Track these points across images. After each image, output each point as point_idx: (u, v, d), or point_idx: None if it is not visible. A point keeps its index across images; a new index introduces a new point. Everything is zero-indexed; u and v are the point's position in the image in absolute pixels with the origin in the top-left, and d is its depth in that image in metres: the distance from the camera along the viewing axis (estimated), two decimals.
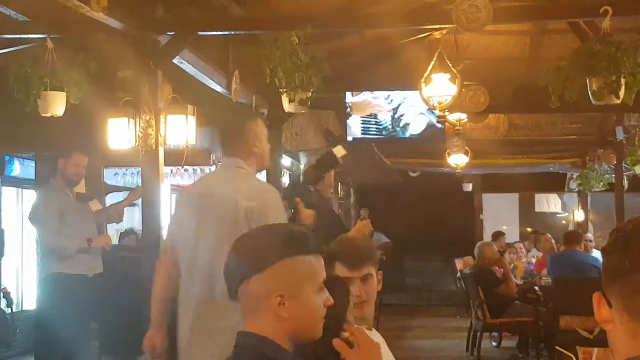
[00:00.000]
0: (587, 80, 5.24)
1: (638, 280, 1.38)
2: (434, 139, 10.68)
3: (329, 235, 3.51)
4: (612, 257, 1.44)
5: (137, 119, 5.60)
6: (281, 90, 5.55)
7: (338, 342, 2.16)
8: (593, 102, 5.29)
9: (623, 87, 5.14)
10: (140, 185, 6.69)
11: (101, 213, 6.95)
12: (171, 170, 10.45)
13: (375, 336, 3.28)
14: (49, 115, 5.68)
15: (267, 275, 2.03)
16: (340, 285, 2.80)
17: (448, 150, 11.63)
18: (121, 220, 7.61)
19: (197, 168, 10.34)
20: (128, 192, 7.50)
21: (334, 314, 2.44)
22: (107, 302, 7.50)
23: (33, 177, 9.75)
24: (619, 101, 5.20)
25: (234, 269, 2.11)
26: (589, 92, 5.28)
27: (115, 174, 10.17)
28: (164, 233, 9.00)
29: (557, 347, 5.37)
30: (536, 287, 9.76)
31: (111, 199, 8.54)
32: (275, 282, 2.03)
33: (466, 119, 10.29)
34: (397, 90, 9.93)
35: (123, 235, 9.59)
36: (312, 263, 2.11)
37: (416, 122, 10.49)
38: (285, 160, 10.66)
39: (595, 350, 2.90)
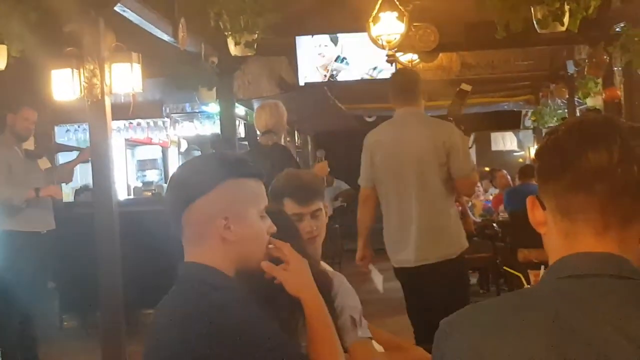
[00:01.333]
0: (532, 9, 5.25)
1: (569, 180, 1.40)
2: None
3: None
4: (544, 159, 1.46)
5: (81, 69, 5.48)
6: (226, 33, 5.46)
7: (266, 264, 2.15)
8: (538, 31, 5.30)
9: (567, 14, 5.15)
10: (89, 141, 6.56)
11: (50, 171, 6.84)
12: (124, 125, 10.33)
13: (335, 276, 3.29)
14: None
15: (212, 197, 2.02)
16: (288, 221, 2.79)
17: None
18: (71, 180, 7.52)
19: (150, 120, 10.24)
20: (79, 151, 7.41)
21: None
22: (64, 260, 7.45)
23: None
24: (563, 28, 5.22)
25: (176, 195, 2.08)
26: (534, 22, 5.29)
27: (67, 131, 10.02)
28: (121, 187, 8.92)
29: (505, 267, 5.45)
30: (494, 224, 9.87)
31: (63, 158, 8.42)
32: (220, 203, 2.02)
33: (418, 60, 10.25)
34: (347, 32, 9.82)
35: (78, 192, 9.49)
36: (254, 186, 2.11)
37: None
38: (239, 110, 10.56)
39: (542, 268, 2.94)
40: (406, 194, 4.78)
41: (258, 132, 6.11)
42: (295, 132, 13.81)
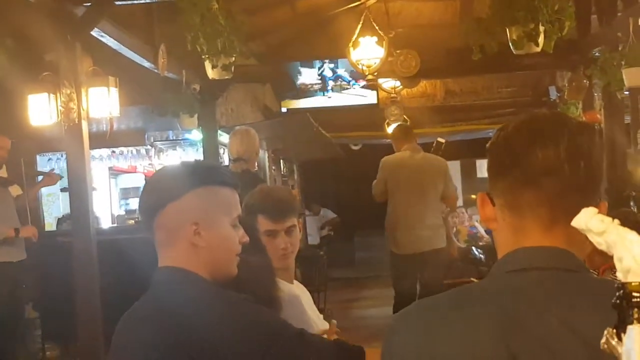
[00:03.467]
0: (507, 30, 5.28)
1: (517, 177, 1.39)
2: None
3: None
4: (494, 155, 1.46)
5: (58, 94, 5.46)
6: (203, 57, 5.48)
7: None
8: (514, 52, 5.33)
9: (542, 35, 5.18)
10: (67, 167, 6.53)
11: (21, 198, 6.81)
12: (107, 154, 10.34)
13: (298, 288, 3.27)
14: None
15: (183, 203, 2.02)
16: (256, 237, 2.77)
17: (387, 120, 11.64)
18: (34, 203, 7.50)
19: (133, 149, 10.23)
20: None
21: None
22: (46, 289, 7.37)
23: None
24: (538, 49, 5.24)
25: (149, 200, 2.08)
26: (510, 44, 5.32)
27: (49, 160, 9.98)
28: (105, 215, 8.89)
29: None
30: (477, 250, 9.88)
31: None
32: (190, 210, 2.02)
33: (401, 87, 10.30)
34: (331, 59, 9.90)
35: (61, 221, 9.42)
36: (227, 195, 2.10)
37: None
38: (224, 138, 10.56)
39: None
40: (415, 204, 6.85)
41: (230, 159, 6.13)
42: (281, 160, 13.79)
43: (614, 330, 0.97)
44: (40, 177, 7.86)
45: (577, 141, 1.38)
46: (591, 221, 1.05)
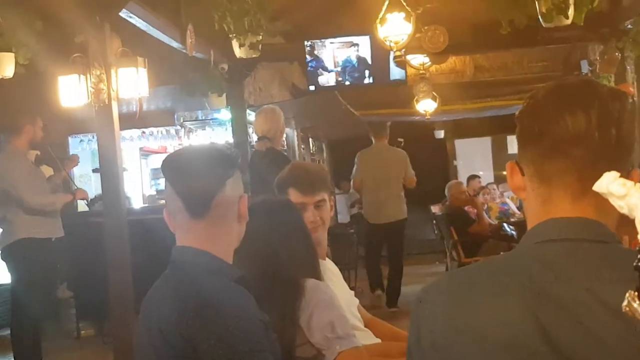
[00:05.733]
0: (537, 3, 5.20)
1: (546, 146, 1.37)
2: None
3: None
4: (524, 123, 1.43)
5: (88, 75, 5.50)
6: (231, 35, 5.48)
7: None
8: (543, 25, 5.25)
9: (572, 7, 5.11)
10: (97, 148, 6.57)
11: (53, 179, 6.88)
12: (138, 134, 10.41)
13: (329, 265, 3.27)
14: None
15: (235, 179, 2.13)
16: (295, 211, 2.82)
17: (416, 97, 11.57)
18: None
19: (163, 129, 10.28)
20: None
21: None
22: (80, 269, 7.46)
23: None
24: (568, 21, 5.16)
25: (210, 179, 2.10)
26: (539, 16, 5.24)
27: (80, 141, 10.08)
28: (137, 196, 8.94)
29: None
30: (508, 225, 9.82)
31: None
32: (237, 185, 2.15)
33: (429, 63, 10.22)
34: (357, 35, 9.85)
35: (93, 201, 9.51)
36: None
37: None
38: (252, 117, 10.57)
39: None
40: (384, 186, 9.00)
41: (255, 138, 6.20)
42: (310, 139, 13.78)
43: (636, 293, 0.96)
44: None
45: (607, 108, 1.35)
46: (613, 185, 1.04)
